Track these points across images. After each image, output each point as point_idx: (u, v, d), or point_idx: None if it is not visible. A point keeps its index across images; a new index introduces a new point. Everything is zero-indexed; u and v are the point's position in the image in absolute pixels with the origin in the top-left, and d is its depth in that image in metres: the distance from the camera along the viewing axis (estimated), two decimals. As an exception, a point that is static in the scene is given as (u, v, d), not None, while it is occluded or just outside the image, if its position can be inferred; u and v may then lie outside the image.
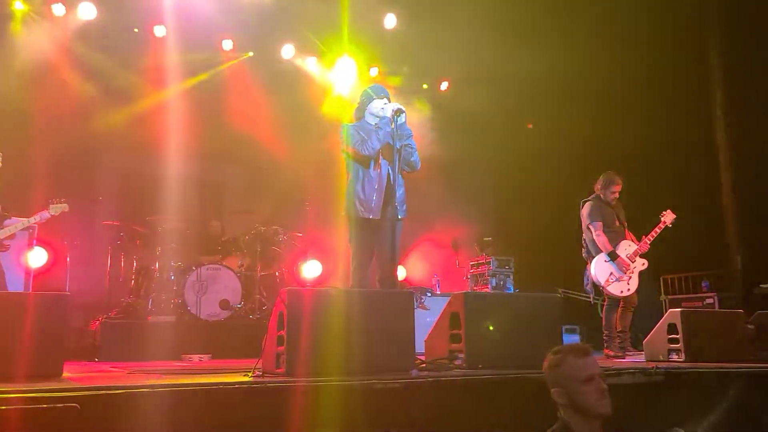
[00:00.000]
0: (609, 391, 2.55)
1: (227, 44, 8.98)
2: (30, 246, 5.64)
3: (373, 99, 4.97)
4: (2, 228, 5.52)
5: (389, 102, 4.94)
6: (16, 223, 5.66)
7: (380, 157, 4.84)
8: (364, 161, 4.83)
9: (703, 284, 8.34)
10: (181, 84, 8.58)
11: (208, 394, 3.00)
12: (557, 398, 2.59)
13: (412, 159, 4.86)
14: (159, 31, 8.37)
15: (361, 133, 4.85)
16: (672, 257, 7.95)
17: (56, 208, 5.88)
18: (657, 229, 6.29)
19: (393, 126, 4.73)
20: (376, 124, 4.90)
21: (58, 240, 7.13)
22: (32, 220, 5.79)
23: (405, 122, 4.80)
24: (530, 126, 10.49)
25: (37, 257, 6.24)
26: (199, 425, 2.93)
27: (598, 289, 6.32)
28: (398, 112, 4.72)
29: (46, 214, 5.86)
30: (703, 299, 8.04)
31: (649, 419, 3.47)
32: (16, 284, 5.52)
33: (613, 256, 6.15)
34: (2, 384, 2.94)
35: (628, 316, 6.28)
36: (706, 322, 5.21)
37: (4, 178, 5.50)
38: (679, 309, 5.24)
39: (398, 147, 4.67)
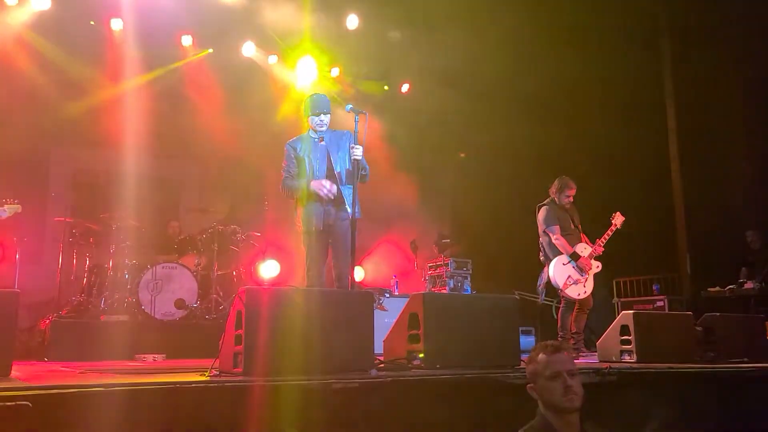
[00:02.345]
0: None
1: (186, 40, 8.85)
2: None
3: (310, 114, 5.06)
4: None
5: (327, 114, 5.04)
6: None
7: (315, 167, 4.97)
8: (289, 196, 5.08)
9: (654, 287, 8.58)
10: (138, 79, 8.40)
11: (164, 393, 2.94)
12: (531, 393, 2.67)
13: (362, 173, 4.95)
14: (116, 24, 8.19)
15: (289, 160, 5.05)
16: (624, 261, 8.15)
17: (11, 209, 5.78)
18: (609, 232, 6.45)
19: (324, 139, 4.97)
20: (319, 138, 5.02)
21: (6, 236, 6.90)
22: None
23: (365, 123, 4.84)
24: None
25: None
26: (155, 425, 2.87)
27: (549, 290, 6.44)
28: (358, 113, 4.78)
29: (3, 213, 5.74)
30: (653, 302, 8.27)
31: (603, 417, 3.54)
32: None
33: (575, 257, 6.28)
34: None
35: (582, 318, 6.42)
36: (656, 323, 5.35)
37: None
38: (632, 311, 5.37)
39: (356, 157, 4.76)
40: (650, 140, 8.81)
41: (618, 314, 5.68)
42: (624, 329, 5.18)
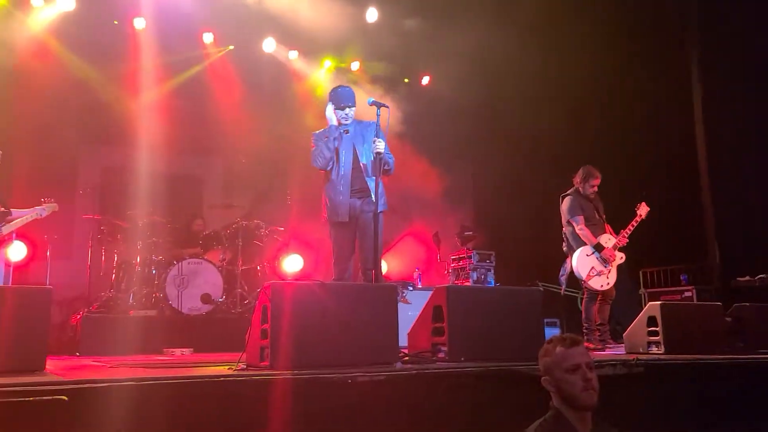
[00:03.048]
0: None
1: (208, 37, 8.92)
2: (9, 240, 5.58)
3: (333, 107, 5.05)
4: (9, 222, 5.60)
5: (350, 109, 5.03)
6: (23, 216, 5.75)
7: (342, 159, 4.95)
8: (324, 169, 5.01)
9: (681, 277, 8.45)
10: (161, 78, 8.48)
11: (193, 387, 3.01)
12: (546, 386, 2.63)
13: (385, 168, 4.96)
14: (138, 23, 8.28)
15: (318, 142, 5.01)
16: (651, 251, 8.05)
17: (49, 207, 5.98)
18: (634, 223, 6.38)
19: (352, 131, 4.96)
20: (343, 129, 5.01)
21: (37, 234, 7.04)
22: (33, 214, 5.85)
23: (388, 117, 4.84)
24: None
25: (17, 251, 6.15)
26: (185, 418, 2.93)
27: (572, 281, 6.39)
28: (380, 107, 4.79)
29: (43, 211, 5.93)
30: (681, 292, 8.14)
31: (630, 410, 3.53)
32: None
33: (599, 248, 6.22)
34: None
35: (606, 308, 6.37)
36: (684, 314, 5.28)
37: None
38: (659, 302, 5.32)
39: (379, 151, 4.75)
40: (676, 126, 8.66)
41: (645, 305, 5.62)
42: (651, 320, 5.13)
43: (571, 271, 6.33)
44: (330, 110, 5.04)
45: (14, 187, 5.77)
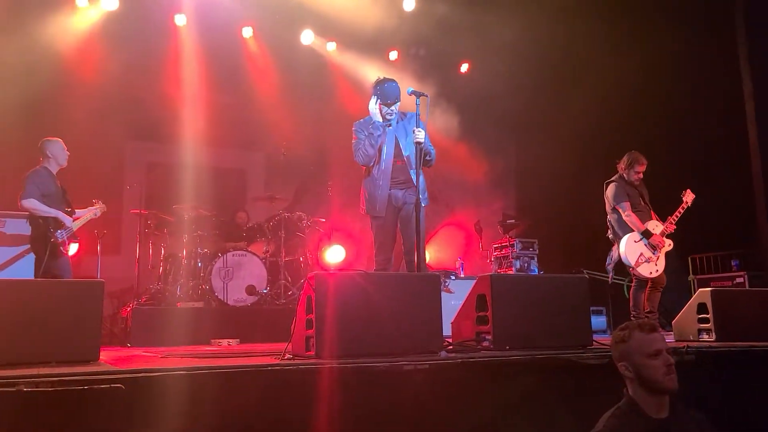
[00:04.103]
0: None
1: (247, 32, 9.01)
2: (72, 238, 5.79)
3: (378, 102, 4.98)
4: (77, 220, 5.89)
5: (396, 106, 4.97)
6: (84, 215, 6.03)
7: (384, 154, 4.94)
8: (367, 166, 5.01)
9: (732, 263, 8.21)
10: (203, 73, 8.60)
11: (242, 376, 3.07)
12: (624, 372, 2.66)
13: (426, 158, 4.94)
14: (179, 20, 8.41)
15: (360, 134, 4.97)
16: (700, 236, 7.84)
17: (101, 207, 6.24)
18: (681, 209, 6.25)
19: (395, 124, 4.91)
20: (388, 122, 4.98)
21: (87, 229, 7.25)
22: (90, 214, 6.13)
23: (427, 106, 4.80)
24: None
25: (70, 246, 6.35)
26: (234, 406, 3.00)
27: (619, 269, 6.28)
28: (419, 96, 4.75)
29: (98, 211, 6.21)
30: (732, 278, 7.93)
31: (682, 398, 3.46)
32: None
33: (647, 234, 6.10)
34: (44, 368, 3.03)
35: (656, 296, 6.24)
36: (736, 301, 5.14)
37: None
38: (710, 288, 5.19)
39: (419, 140, 4.71)
40: (724, 106, 8.38)
41: (694, 292, 5.49)
42: (701, 307, 5.02)
43: (619, 259, 6.22)
44: (374, 105, 4.98)
45: (67, 185, 5.95)
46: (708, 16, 8.35)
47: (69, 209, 5.77)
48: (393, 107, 4.96)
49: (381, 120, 4.96)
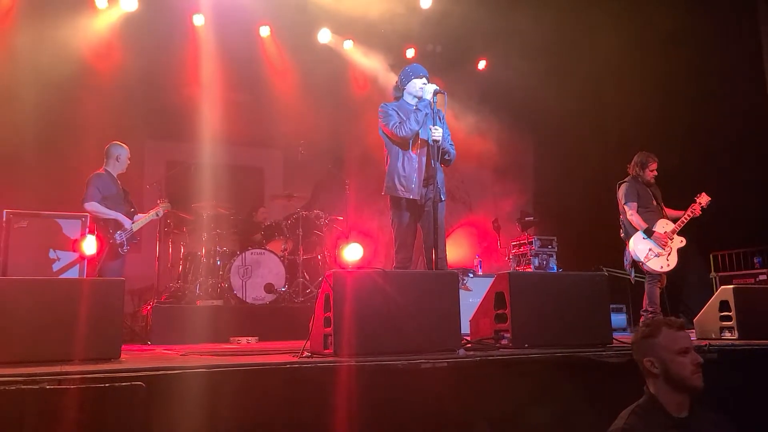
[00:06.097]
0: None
1: (264, 31, 9.04)
2: (83, 235, 5.84)
3: (412, 78, 4.96)
4: (135, 222, 6.17)
5: (428, 82, 4.92)
6: (145, 216, 6.32)
7: (419, 137, 4.85)
8: (402, 142, 4.88)
9: (755, 260, 8.10)
10: (221, 72, 8.65)
11: (261, 373, 3.09)
12: (649, 368, 2.64)
13: (446, 158, 4.91)
14: (198, 20, 8.47)
15: (399, 113, 4.88)
16: (722, 233, 7.75)
17: (164, 207, 6.54)
18: (690, 210, 6.24)
19: (433, 108, 4.76)
20: (415, 105, 4.91)
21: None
22: (152, 215, 6.41)
23: (444, 103, 4.78)
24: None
25: (90, 245, 6.43)
26: (253, 403, 3.02)
27: (638, 267, 6.30)
28: (437, 94, 4.73)
29: (160, 212, 6.50)
30: (755, 276, 7.82)
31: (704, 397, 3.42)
32: (71, 271, 5.73)
33: (648, 233, 6.18)
34: (66, 365, 3.07)
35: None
36: (759, 298, 5.07)
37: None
38: (732, 286, 5.13)
39: (436, 138, 4.66)
40: (746, 99, 8.24)
41: (716, 290, 5.42)
42: (723, 305, 4.96)
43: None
44: (417, 83, 4.90)
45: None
46: (731, 15, 8.23)
47: (132, 209, 5.96)
48: (425, 80, 4.90)
49: (429, 92, 4.81)
